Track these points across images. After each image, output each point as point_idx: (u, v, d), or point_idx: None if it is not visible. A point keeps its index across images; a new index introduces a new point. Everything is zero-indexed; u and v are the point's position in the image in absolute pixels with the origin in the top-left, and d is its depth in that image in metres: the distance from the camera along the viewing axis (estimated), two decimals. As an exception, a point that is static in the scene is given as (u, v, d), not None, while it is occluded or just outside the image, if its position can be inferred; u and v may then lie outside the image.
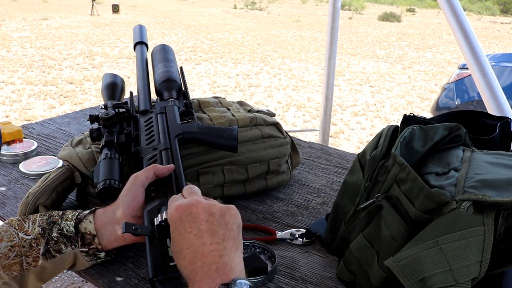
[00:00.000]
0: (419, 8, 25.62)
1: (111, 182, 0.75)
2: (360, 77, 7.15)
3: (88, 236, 0.68)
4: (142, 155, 0.81)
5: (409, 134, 0.71)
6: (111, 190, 0.75)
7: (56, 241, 0.67)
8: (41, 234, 0.67)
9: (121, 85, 1.09)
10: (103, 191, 0.75)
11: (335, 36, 2.19)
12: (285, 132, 1.06)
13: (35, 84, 5.97)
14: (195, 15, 15.90)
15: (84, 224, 0.69)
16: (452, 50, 10.34)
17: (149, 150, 0.81)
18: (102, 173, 0.77)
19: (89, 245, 0.68)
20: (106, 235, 0.68)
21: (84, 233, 0.68)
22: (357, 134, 4.55)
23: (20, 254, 0.65)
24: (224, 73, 7.09)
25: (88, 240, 0.68)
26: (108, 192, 0.75)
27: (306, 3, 26.28)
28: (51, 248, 0.67)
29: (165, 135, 0.83)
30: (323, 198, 1.04)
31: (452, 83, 3.55)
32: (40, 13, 14.38)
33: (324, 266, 0.80)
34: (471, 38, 1.43)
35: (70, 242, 0.67)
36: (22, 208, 0.85)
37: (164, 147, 0.81)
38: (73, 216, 0.70)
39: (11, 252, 0.65)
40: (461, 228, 0.54)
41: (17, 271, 0.65)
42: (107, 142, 0.84)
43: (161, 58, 1.07)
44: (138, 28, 1.18)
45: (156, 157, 0.79)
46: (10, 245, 0.65)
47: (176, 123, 0.87)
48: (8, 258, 0.64)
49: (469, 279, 0.53)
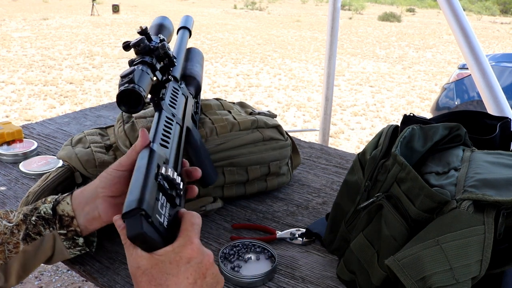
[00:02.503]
0: (419, 8, 25.62)
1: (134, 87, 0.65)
2: (360, 77, 7.15)
3: (66, 218, 0.67)
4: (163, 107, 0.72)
5: (409, 133, 0.71)
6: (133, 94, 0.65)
7: (34, 224, 0.66)
8: (23, 220, 0.67)
9: (170, 28, 0.95)
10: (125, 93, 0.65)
11: (335, 36, 2.19)
12: (286, 134, 1.06)
13: (35, 84, 5.97)
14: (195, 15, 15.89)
15: (61, 206, 0.67)
16: (452, 50, 10.34)
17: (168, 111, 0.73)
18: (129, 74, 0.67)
19: (68, 227, 0.67)
20: (84, 215, 0.67)
21: (62, 215, 0.67)
22: (357, 134, 4.55)
23: (2, 243, 0.65)
24: (224, 73, 7.09)
25: (66, 222, 0.67)
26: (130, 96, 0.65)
27: (306, 3, 26.28)
28: (31, 232, 0.66)
29: (182, 115, 0.78)
30: (323, 198, 1.04)
31: (452, 83, 3.55)
32: (40, 13, 14.38)
33: (324, 265, 0.80)
34: (471, 38, 1.43)
35: (48, 224, 0.67)
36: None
37: (180, 122, 0.74)
38: (52, 199, 0.69)
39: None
40: (461, 227, 0.54)
41: (2, 259, 0.64)
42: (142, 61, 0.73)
43: (188, 57, 1.00)
44: (185, 17, 1.10)
45: (171, 122, 0.70)
46: None
47: (189, 115, 0.83)
48: None
49: (469, 278, 0.53)
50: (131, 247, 0.48)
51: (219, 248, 0.83)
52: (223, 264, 0.77)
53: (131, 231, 0.46)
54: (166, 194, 0.52)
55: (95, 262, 0.80)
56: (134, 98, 0.65)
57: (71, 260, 0.80)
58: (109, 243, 0.85)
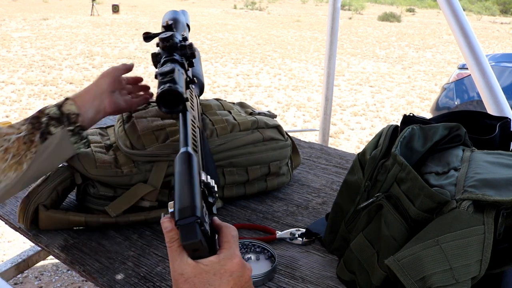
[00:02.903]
0: (419, 8, 25.62)
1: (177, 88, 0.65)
2: (360, 77, 7.15)
3: (72, 116, 0.79)
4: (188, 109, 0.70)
5: (409, 133, 0.71)
6: (174, 94, 0.65)
7: (47, 123, 0.76)
8: (33, 127, 0.76)
9: (184, 24, 0.94)
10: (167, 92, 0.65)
11: (335, 36, 2.19)
12: (286, 134, 1.06)
13: (35, 84, 5.96)
14: (195, 15, 15.90)
15: (66, 107, 0.79)
16: (452, 50, 10.33)
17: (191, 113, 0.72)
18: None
19: (74, 123, 0.79)
20: (92, 109, 0.82)
21: (68, 113, 0.79)
22: (357, 134, 4.55)
23: (17, 154, 0.73)
24: (224, 73, 7.09)
25: (73, 119, 0.79)
26: (171, 96, 0.65)
27: (306, 3, 26.27)
28: (44, 131, 0.76)
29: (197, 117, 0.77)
30: (323, 198, 1.04)
31: (452, 83, 3.55)
32: (40, 13, 14.38)
33: (324, 265, 0.80)
34: (470, 38, 1.43)
35: (59, 122, 0.77)
36: (22, 207, 0.86)
37: (199, 125, 0.73)
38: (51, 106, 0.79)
39: (7, 154, 0.72)
40: (461, 227, 0.54)
41: (19, 171, 0.73)
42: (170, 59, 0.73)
43: None
44: (181, 12, 1.07)
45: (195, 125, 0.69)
46: (3, 149, 0.73)
47: (200, 117, 0.81)
48: (6, 160, 0.72)
49: (469, 278, 0.53)
50: (177, 252, 0.48)
51: (219, 248, 0.83)
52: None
53: (187, 238, 0.46)
54: (206, 201, 0.52)
55: (95, 262, 0.80)
56: (175, 99, 0.65)
57: (71, 260, 0.81)
58: (109, 243, 0.85)
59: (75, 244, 0.85)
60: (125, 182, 0.88)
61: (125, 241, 0.86)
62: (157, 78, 0.68)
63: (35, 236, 0.87)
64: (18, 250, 2.08)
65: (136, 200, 0.87)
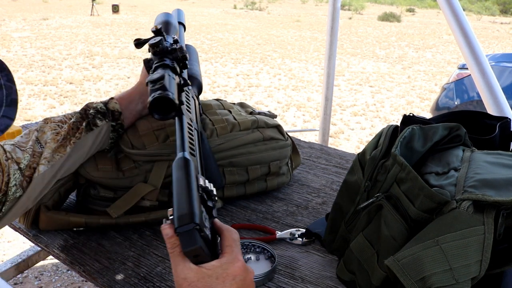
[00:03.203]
0: (419, 8, 25.62)
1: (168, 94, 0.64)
2: (360, 77, 7.15)
3: (116, 113, 0.86)
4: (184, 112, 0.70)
5: (409, 134, 0.71)
6: (165, 101, 0.65)
7: (93, 115, 0.83)
8: (81, 116, 0.83)
9: (176, 26, 0.92)
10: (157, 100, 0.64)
11: (335, 36, 2.19)
12: (286, 134, 1.06)
13: (35, 84, 5.96)
14: (195, 15, 15.89)
15: (111, 104, 0.87)
16: (452, 50, 10.33)
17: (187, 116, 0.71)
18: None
19: (117, 120, 0.86)
20: (129, 111, 0.89)
21: (113, 110, 0.86)
22: (357, 134, 4.55)
23: (65, 137, 0.80)
24: (224, 73, 7.09)
25: (116, 116, 0.86)
26: (163, 103, 0.65)
27: (306, 3, 26.27)
28: (90, 121, 0.83)
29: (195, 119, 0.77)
30: (323, 198, 1.04)
31: (452, 83, 3.55)
32: (40, 13, 14.38)
33: (324, 265, 0.80)
34: (470, 38, 1.43)
35: (104, 117, 0.85)
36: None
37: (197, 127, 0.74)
38: (97, 103, 0.86)
39: (58, 136, 0.79)
40: (461, 228, 0.54)
41: (63, 152, 0.79)
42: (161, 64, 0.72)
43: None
44: (176, 11, 1.08)
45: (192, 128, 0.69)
46: (55, 132, 0.80)
47: (199, 118, 0.82)
48: (57, 142, 0.79)
49: (469, 278, 0.53)
50: (179, 258, 0.49)
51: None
52: (223, 264, 0.76)
53: (188, 245, 0.47)
54: (206, 206, 0.52)
55: (95, 262, 0.80)
56: (167, 106, 0.64)
57: (71, 260, 0.80)
58: (109, 243, 0.85)
59: (75, 244, 0.85)
60: (126, 185, 0.88)
61: (125, 241, 0.86)
62: (148, 86, 0.67)
63: (35, 236, 0.87)
64: (18, 250, 2.08)
65: (137, 200, 0.87)
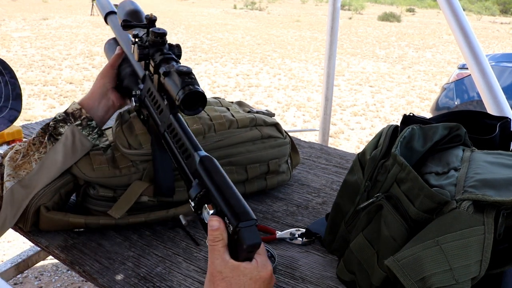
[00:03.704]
0: (419, 8, 25.61)
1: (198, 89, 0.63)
2: (360, 77, 7.14)
3: (76, 111, 0.86)
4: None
5: (409, 133, 0.71)
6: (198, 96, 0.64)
7: (54, 127, 0.84)
8: (42, 131, 0.84)
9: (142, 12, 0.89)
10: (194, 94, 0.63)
11: (335, 36, 2.19)
12: (284, 132, 1.05)
13: (35, 84, 5.96)
14: (195, 15, 15.89)
15: (70, 108, 0.86)
16: (452, 50, 10.33)
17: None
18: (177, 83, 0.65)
19: (80, 117, 0.85)
20: (101, 109, 0.88)
21: (72, 112, 0.86)
22: (357, 134, 4.55)
23: (26, 154, 0.82)
24: (224, 73, 7.09)
25: (77, 114, 0.85)
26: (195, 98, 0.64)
27: (306, 3, 26.27)
28: (52, 133, 0.83)
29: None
30: (323, 198, 1.04)
31: (452, 83, 3.55)
32: (40, 13, 14.37)
33: (324, 265, 0.80)
34: (470, 38, 1.43)
35: (65, 122, 0.84)
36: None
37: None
38: (58, 114, 0.86)
39: (17, 155, 0.83)
40: (461, 228, 0.54)
41: (29, 169, 0.81)
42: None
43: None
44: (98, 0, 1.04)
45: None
46: (14, 150, 0.84)
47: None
48: (16, 160, 0.82)
49: (469, 278, 0.53)
50: (219, 252, 0.52)
51: (219, 248, 0.83)
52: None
53: (251, 239, 0.51)
54: None
55: (95, 262, 0.80)
56: (196, 100, 0.64)
57: (71, 260, 0.80)
58: (109, 243, 0.85)
59: (75, 244, 0.85)
60: (125, 182, 0.88)
61: (125, 241, 0.86)
62: (170, 77, 0.65)
63: (35, 237, 0.87)
64: (18, 250, 2.08)
65: (135, 198, 0.86)
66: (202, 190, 0.57)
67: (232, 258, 0.53)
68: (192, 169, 0.61)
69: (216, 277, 0.52)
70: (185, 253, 0.83)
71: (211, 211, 0.54)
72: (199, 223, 0.59)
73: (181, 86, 0.62)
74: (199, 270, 0.78)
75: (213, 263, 0.52)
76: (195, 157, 0.61)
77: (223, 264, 0.52)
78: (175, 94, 0.63)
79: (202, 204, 0.56)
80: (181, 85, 0.63)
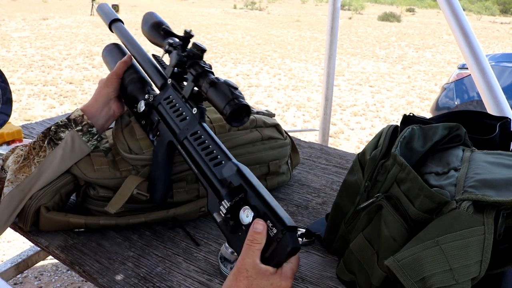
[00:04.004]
0: (419, 8, 25.62)
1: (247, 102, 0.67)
2: (360, 77, 7.14)
3: (78, 118, 0.86)
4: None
5: (409, 134, 0.71)
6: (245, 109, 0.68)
7: (55, 131, 0.84)
8: (43, 135, 0.84)
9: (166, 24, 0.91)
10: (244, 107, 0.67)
11: (335, 36, 2.19)
12: (285, 132, 1.05)
13: (35, 84, 5.96)
14: (195, 15, 15.89)
15: (73, 114, 0.87)
16: (452, 50, 10.33)
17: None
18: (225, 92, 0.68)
19: (81, 123, 0.86)
20: (102, 117, 0.89)
21: (74, 118, 0.86)
22: (357, 134, 4.55)
23: (27, 157, 0.82)
24: (224, 73, 7.08)
25: (79, 120, 0.86)
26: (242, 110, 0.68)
27: (306, 3, 26.27)
28: (53, 137, 0.83)
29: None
30: (323, 198, 1.04)
31: (452, 83, 3.55)
32: (40, 13, 14.37)
33: (324, 266, 0.80)
34: (470, 38, 1.43)
35: (66, 127, 0.85)
36: (22, 209, 0.85)
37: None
38: (60, 120, 0.86)
39: (19, 158, 0.83)
40: (461, 228, 0.54)
41: (28, 172, 0.81)
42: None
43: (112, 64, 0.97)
44: (100, 7, 1.05)
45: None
46: (16, 154, 0.84)
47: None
48: (18, 163, 0.82)
49: (469, 278, 0.53)
50: (254, 253, 0.56)
51: (219, 249, 0.83)
52: (223, 265, 0.77)
53: (295, 243, 0.55)
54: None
55: (95, 262, 0.80)
56: (241, 113, 0.68)
57: (71, 261, 0.80)
58: (109, 243, 0.85)
59: (75, 244, 0.85)
60: None
61: (124, 241, 0.86)
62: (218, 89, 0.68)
63: (35, 237, 0.87)
64: (18, 250, 2.08)
65: (130, 192, 0.84)
66: (241, 194, 0.62)
67: (264, 261, 0.56)
68: (221, 176, 0.66)
69: (242, 274, 0.55)
70: (185, 253, 0.83)
71: (252, 214, 0.59)
72: (219, 223, 0.63)
73: (231, 98, 0.66)
74: (199, 270, 0.78)
75: (244, 260, 0.56)
76: (227, 164, 0.66)
77: (252, 265, 0.55)
78: (222, 106, 0.66)
79: (239, 207, 0.61)
80: (231, 97, 0.66)
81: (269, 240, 0.56)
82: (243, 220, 0.60)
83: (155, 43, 0.86)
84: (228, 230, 0.61)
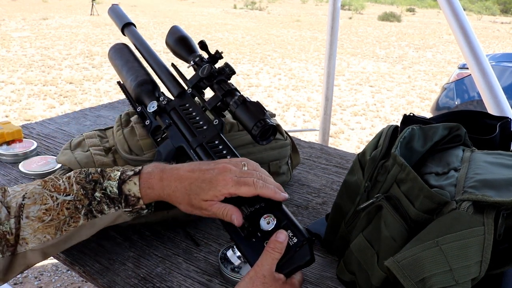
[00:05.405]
0: (419, 8, 25.61)
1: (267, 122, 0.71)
2: (360, 77, 7.15)
3: (132, 198, 0.66)
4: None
5: (409, 134, 0.71)
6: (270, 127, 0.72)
7: (99, 201, 0.65)
8: (84, 195, 0.65)
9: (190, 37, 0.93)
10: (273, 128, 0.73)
11: (335, 36, 2.19)
12: (285, 133, 1.05)
13: (35, 84, 5.96)
14: (195, 15, 15.90)
15: (128, 186, 0.66)
16: (452, 50, 10.34)
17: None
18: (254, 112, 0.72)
19: (133, 206, 0.66)
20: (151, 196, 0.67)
21: (128, 195, 0.66)
22: (357, 134, 4.55)
23: (56, 218, 0.64)
24: (224, 73, 7.08)
25: (132, 202, 0.66)
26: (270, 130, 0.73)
27: (306, 3, 26.27)
28: (94, 208, 0.65)
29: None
30: (323, 198, 1.04)
31: (452, 83, 3.55)
32: (40, 13, 14.37)
33: (324, 266, 0.80)
34: (471, 38, 1.43)
35: (113, 204, 0.66)
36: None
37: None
38: (115, 176, 0.67)
39: (46, 215, 0.63)
40: (461, 228, 0.54)
41: (51, 234, 0.64)
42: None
43: (121, 63, 0.97)
44: (113, 9, 1.06)
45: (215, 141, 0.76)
46: (45, 208, 0.64)
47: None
48: (43, 222, 0.63)
49: (469, 279, 0.53)
50: (273, 261, 0.59)
51: (219, 249, 0.83)
52: (223, 265, 0.77)
53: (312, 254, 0.60)
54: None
55: (95, 262, 0.80)
56: (268, 131, 0.73)
57: (71, 261, 0.80)
58: (109, 244, 0.85)
59: (75, 244, 0.85)
60: None
61: (125, 241, 0.86)
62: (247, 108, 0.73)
63: (35, 237, 0.87)
64: (18, 250, 2.07)
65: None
66: (262, 203, 0.64)
67: (276, 268, 0.59)
68: None
69: (259, 279, 0.58)
70: (185, 254, 0.83)
71: (274, 222, 0.63)
72: (226, 226, 0.65)
73: (259, 119, 0.71)
74: (199, 271, 0.78)
75: (262, 265, 0.58)
76: None
77: (269, 272, 0.58)
78: (251, 126, 0.71)
79: (259, 214, 0.63)
80: (259, 118, 0.71)
81: (287, 249, 0.60)
82: (263, 227, 0.62)
83: (179, 55, 0.89)
84: (242, 235, 0.63)
